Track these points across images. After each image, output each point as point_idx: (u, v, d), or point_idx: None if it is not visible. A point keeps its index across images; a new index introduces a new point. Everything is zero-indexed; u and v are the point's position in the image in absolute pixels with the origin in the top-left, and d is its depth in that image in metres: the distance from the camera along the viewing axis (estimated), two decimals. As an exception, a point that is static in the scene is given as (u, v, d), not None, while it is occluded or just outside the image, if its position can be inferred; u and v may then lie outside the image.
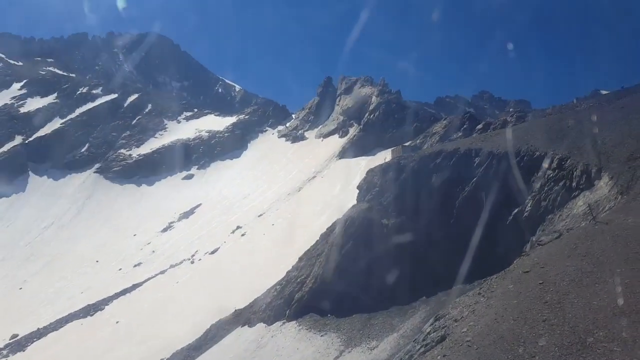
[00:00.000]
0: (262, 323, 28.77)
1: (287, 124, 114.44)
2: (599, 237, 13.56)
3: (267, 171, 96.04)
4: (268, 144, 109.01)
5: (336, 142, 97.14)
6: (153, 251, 76.23)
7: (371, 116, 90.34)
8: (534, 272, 12.65)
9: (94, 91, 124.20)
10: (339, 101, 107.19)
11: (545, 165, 22.33)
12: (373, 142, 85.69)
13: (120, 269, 72.94)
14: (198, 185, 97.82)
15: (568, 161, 21.47)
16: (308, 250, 31.55)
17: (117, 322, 53.15)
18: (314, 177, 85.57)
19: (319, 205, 69.15)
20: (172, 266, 66.83)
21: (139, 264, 72.93)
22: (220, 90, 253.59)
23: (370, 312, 24.96)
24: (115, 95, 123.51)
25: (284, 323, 27.31)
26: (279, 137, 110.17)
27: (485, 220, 23.11)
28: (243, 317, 31.39)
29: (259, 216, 75.82)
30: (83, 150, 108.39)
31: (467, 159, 26.46)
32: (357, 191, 34.34)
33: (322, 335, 24.65)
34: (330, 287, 26.56)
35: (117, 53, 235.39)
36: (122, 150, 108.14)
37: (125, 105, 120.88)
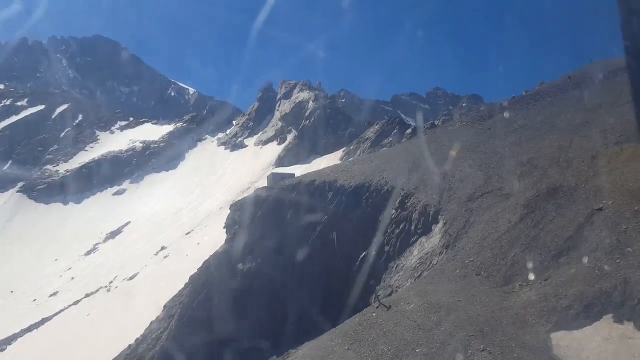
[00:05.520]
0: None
1: (227, 131, 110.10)
2: (364, 336, 11.15)
3: (202, 183, 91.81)
4: (206, 154, 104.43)
5: (274, 150, 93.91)
6: (72, 278, 70.91)
7: (307, 122, 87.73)
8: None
9: (18, 103, 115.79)
10: (279, 106, 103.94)
11: (389, 203, 20.16)
12: (308, 149, 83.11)
13: (34, 300, 67.42)
14: (130, 201, 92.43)
15: (411, 199, 19.31)
16: (174, 296, 28.32)
17: (15, 366, 48.49)
18: (249, 188, 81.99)
19: (248, 221, 65.88)
20: (87, 295, 61.99)
21: (55, 294, 67.55)
22: (172, 93, 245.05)
23: (222, 372, 22.13)
24: (43, 107, 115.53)
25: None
26: (218, 146, 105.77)
27: (335, 264, 20.70)
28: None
29: (186, 234, 71.73)
30: (5, 168, 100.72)
31: (322, 193, 24.05)
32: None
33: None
34: (182, 344, 23.50)
35: (60, 59, 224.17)
36: (49, 166, 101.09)
37: (53, 116, 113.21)
